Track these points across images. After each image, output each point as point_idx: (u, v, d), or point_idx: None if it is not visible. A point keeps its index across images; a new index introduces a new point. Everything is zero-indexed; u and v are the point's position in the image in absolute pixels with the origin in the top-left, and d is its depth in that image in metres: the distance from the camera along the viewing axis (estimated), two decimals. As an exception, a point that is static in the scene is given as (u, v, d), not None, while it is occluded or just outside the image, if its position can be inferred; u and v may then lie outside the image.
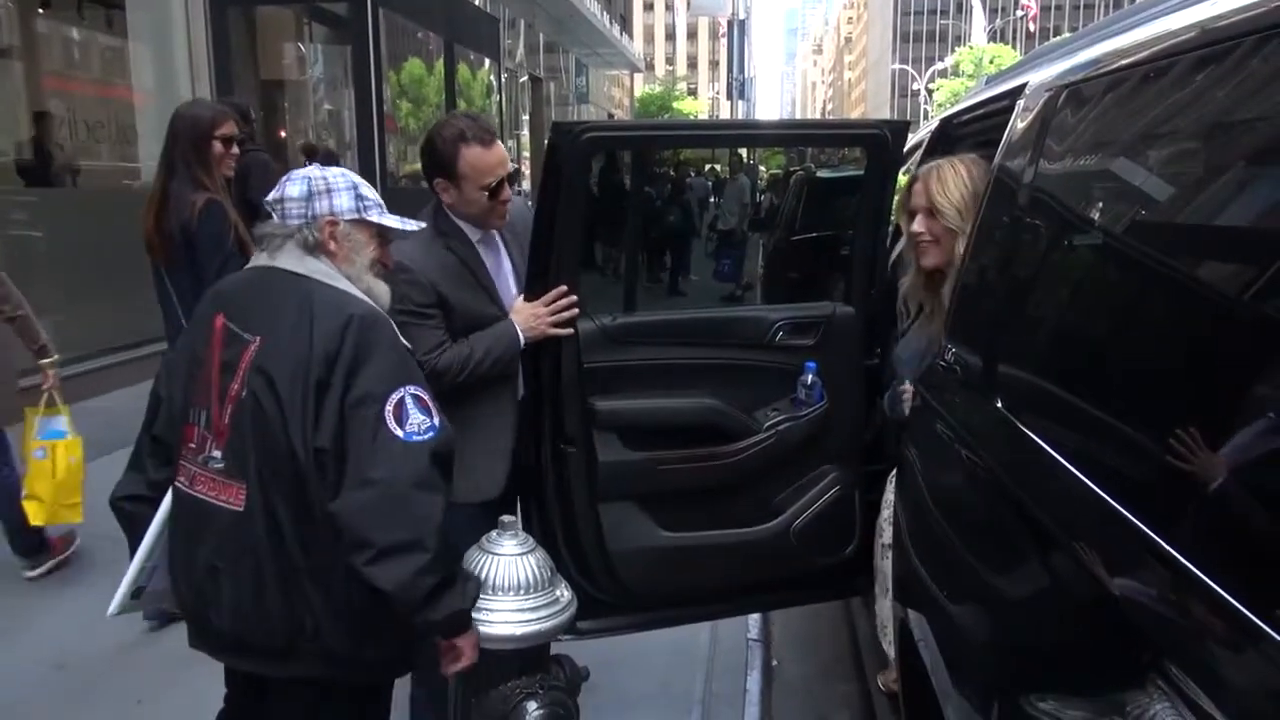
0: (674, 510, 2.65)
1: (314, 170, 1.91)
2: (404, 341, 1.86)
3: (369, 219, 1.90)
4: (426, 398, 1.77)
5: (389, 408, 1.71)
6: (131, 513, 1.96)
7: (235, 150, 3.44)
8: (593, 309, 2.63)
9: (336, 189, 1.88)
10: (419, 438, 1.72)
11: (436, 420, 1.76)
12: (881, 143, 2.66)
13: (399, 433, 1.70)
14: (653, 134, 4.12)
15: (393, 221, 1.94)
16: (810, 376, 2.67)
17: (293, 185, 1.88)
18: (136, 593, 1.96)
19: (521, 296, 2.52)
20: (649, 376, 2.63)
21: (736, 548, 2.70)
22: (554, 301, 2.47)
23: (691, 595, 2.82)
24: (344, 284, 1.84)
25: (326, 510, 1.69)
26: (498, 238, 2.57)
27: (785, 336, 2.73)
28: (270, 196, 1.90)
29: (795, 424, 2.67)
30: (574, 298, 2.48)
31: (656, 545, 2.64)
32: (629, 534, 2.62)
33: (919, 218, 2.38)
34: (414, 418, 1.73)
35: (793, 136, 4.91)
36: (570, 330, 2.50)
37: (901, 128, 2.71)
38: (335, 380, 1.71)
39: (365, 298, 1.86)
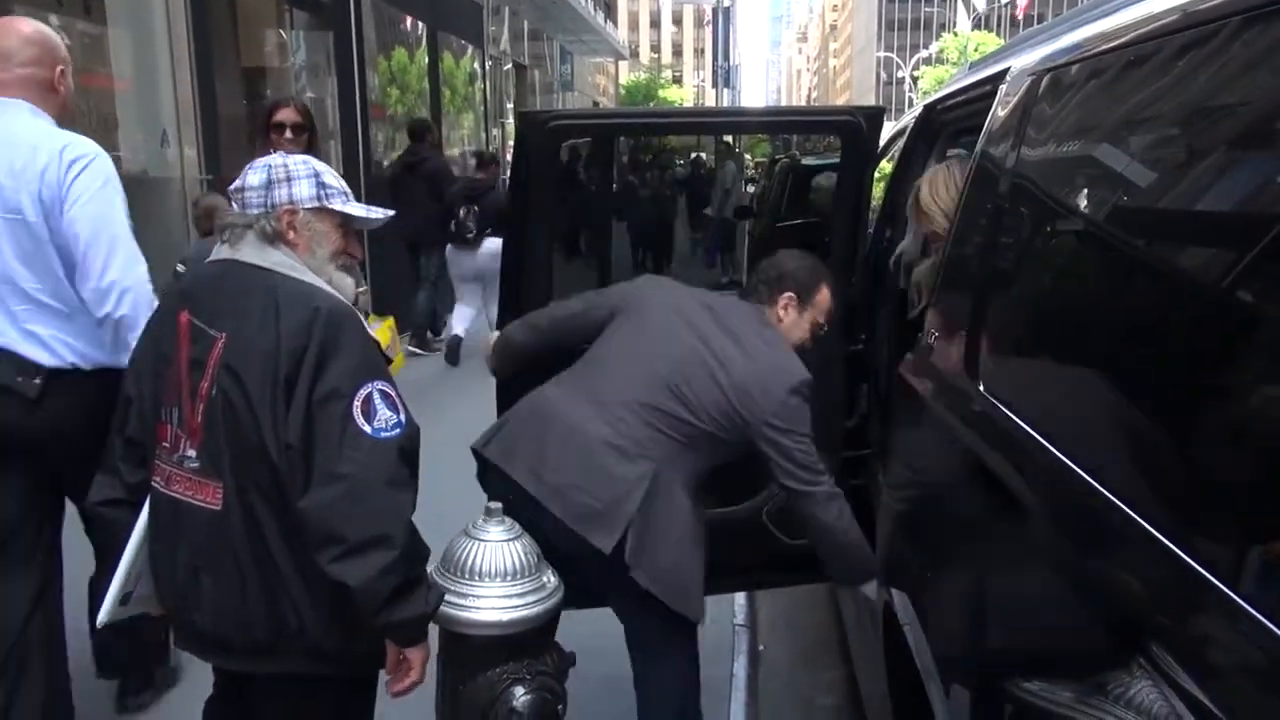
0: None
1: (276, 158, 1.86)
2: (372, 334, 1.83)
3: (331, 207, 1.86)
4: (394, 393, 1.76)
5: (357, 403, 1.69)
6: (110, 517, 1.92)
7: (289, 135, 3.65)
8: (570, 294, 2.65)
9: (296, 177, 1.83)
10: (387, 434, 1.70)
11: (403, 416, 1.74)
12: (855, 129, 2.66)
13: (367, 429, 1.68)
14: (620, 122, 4.11)
15: (357, 210, 1.90)
16: None
17: (253, 174, 1.83)
18: (125, 598, 1.92)
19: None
20: None
21: (709, 528, 2.73)
22: None
23: None
24: (308, 276, 1.81)
25: (296, 507, 1.67)
26: None
27: None
28: (233, 185, 1.87)
29: None
30: None
31: None
32: None
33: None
34: (381, 414, 1.71)
35: (765, 124, 4.92)
36: None
37: (876, 114, 2.70)
38: (302, 376, 1.68)
39: (331, 290, 1.82)
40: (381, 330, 5.36)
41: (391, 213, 2.01)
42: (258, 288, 1.77)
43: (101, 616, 1.94)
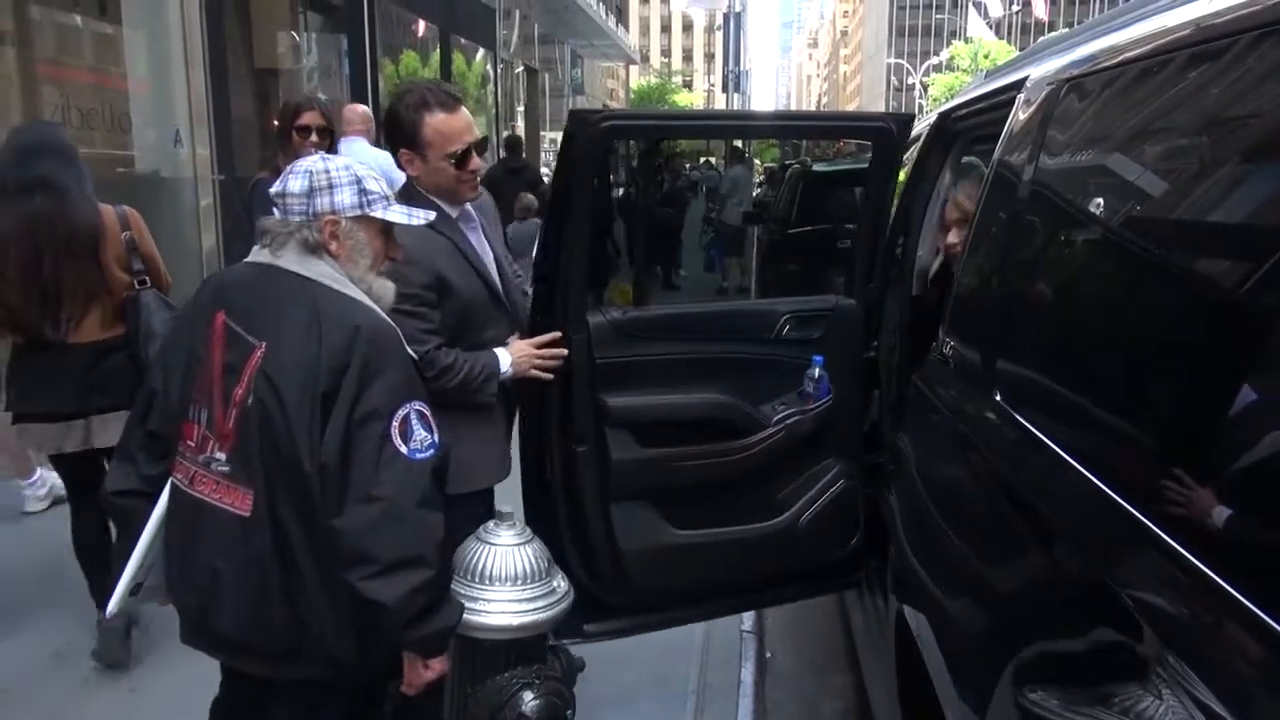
0: (685, 508, 2.59)
1: (317, 163, 1.85)
2: (410, 351, 1.83)
3: (373, 215, 1.85)
4: (428, 413, 1.76)
5: (395, 424, 1.70)
6: (125, 508, 1.92)
7: (314, 138, 3.78)
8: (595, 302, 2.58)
9: (339, 184, 1.81)
10: (422, 455, 1.71)
11: (437, 437, 1.75)
12: (888, 135, 2.67)
13: (403, 450, 1.69)
14: (672, 123, 4.09)
15: (398, 217, 1.89)
16: (817, 370, 2.65)
17: (294, 179, 1.82)
18: (135, 589, 1.94)
19: (516, 336, 2.46)
20: (659, 371, 2.57)
21: (747, 543, 2.65)
22: (546, 345, 2.41)
23: (703, 593, 2.77)
24: (350, 289, 1.80)
25: (329, 525, 1.68)
26: (476, 219, 2.49)
27: (792, 330, 2.71)
28: (274, 189, 1.85)
29: (804, 418, 2.63)
30: (563, 351, 2.42)
31: (668, 544, 2.57)
32: (640, 533, 2.54)
33: (953, 231, 2.43)
34: (418, 435, 1.72)
35: (804, 128, 4.93)
36: (549, 376, 2.43)
37: (906, 120, 2.73)
38: (343, 395, 1.68)
39: (371, 304, 1.82)
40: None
41: (433, 214, 2.03)
42: (299, 298, 1.76)
43: (110, 606, 1.96)
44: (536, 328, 2.47)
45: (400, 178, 2.63)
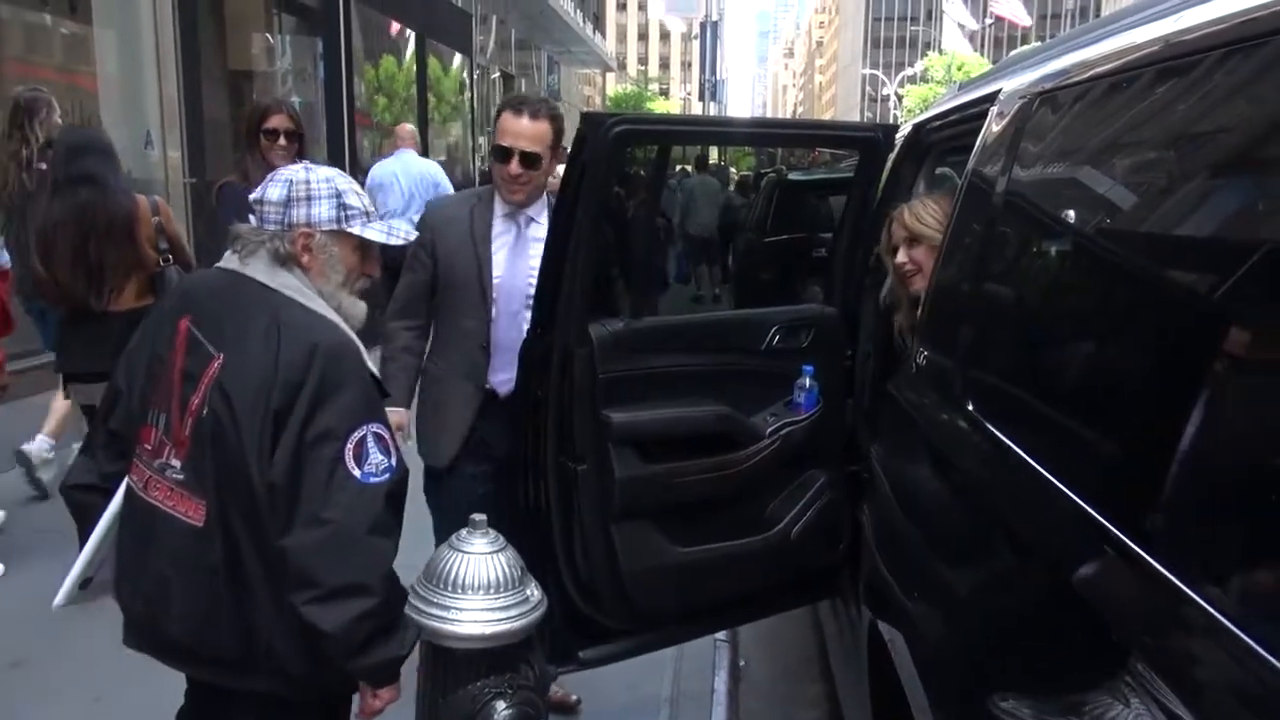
0: (684, 524, 2.52)
1: (299, 172, 1.80)
2: (371, 368, 1.78)
3: (350, 230, 1.80)
4: (387, 436, 1.71)
5: (349, 446, 1.65)
6: (82, 502, 1.90)
7: (282, 142, 3.82)
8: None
9: (317, 197, 1.77)
10: (376, 479, 1.66)
11: (394, 460, 1.70)
12: (876, 145, 2.70)
13: (356, 473, 1.64)
14: (685, 129, 4.08)
15: (375, 235, 1.83)
16: (808, 380, 2.64)
17: (274, 187, 1.78)
18: (84, 583, 1.91)
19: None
20: (655, 384, 2.50)
21: (747, 556, 2.61)
22: None
23: (704, 609, 2.72)
24: (316, 303, 1.75)
25: (278, 544, 1.64)
26: (529, 222, 2.71)
27: (782, 340, 2.70)
28: (254, 195, 1.81)
29: (797, 428, 2.60)
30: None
31: (672, 562, 2.51)
32: (643, 553, 2.46)
33: (900, 250, 2.43)
34: (373, 458, 1.67)
35: (804, 136, 5.01)
36: None
37: (892, 131, 2.85)
38: (296, 413, 1.64)
39: (336, 320, 1.76)
40: None
41: (415, 234, 2.02)
42: (262, 310, 1.72)
43: (58, 599, 1.92)
44: (535, 341, 2.40)
45: (443, 184, 3.07)
